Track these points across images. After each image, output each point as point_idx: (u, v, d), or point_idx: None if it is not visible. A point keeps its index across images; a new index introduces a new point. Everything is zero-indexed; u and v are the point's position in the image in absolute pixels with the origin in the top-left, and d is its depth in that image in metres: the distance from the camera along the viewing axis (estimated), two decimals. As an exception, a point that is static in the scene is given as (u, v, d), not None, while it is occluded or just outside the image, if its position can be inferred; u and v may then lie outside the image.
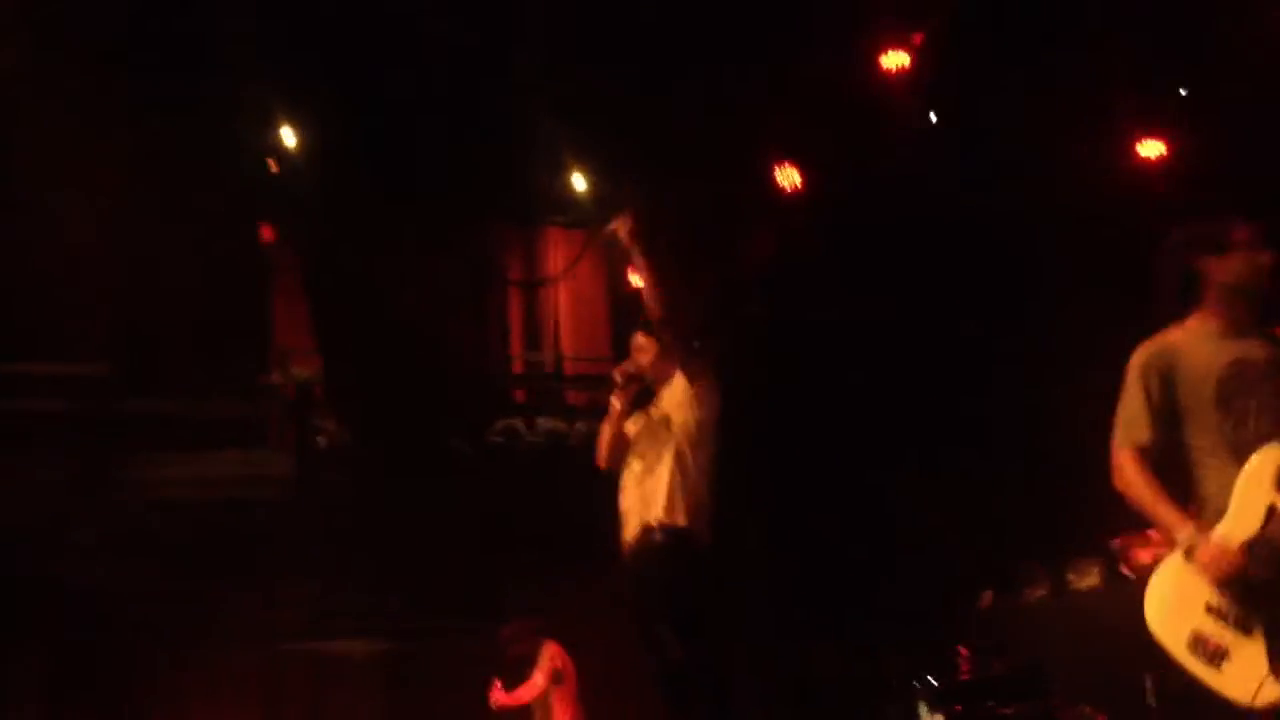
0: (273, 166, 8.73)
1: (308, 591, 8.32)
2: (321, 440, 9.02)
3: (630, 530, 5.05)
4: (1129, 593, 7.16)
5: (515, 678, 7.46)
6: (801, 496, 8.49)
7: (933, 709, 7.38)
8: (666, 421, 5.07)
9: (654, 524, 4.93)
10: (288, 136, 8.44)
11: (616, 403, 5.20)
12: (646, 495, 5.01)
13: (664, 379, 5.20)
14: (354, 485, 8.56)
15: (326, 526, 8.38)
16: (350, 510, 8.43)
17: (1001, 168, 7.98)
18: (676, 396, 5.13)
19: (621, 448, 5.20)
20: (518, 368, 10.37)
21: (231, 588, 8.14)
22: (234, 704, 8.36)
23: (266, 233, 9.36)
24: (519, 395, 10.38)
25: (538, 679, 7.31)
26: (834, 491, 8.26)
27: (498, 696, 7.35)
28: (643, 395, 5.25)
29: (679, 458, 5.02)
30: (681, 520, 4.93)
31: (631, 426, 5.23)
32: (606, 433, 5.24)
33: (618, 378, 5.23)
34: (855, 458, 8.38)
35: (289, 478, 8.68)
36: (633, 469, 5.12)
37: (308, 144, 8.46)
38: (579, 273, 10.13)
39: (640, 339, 5.32)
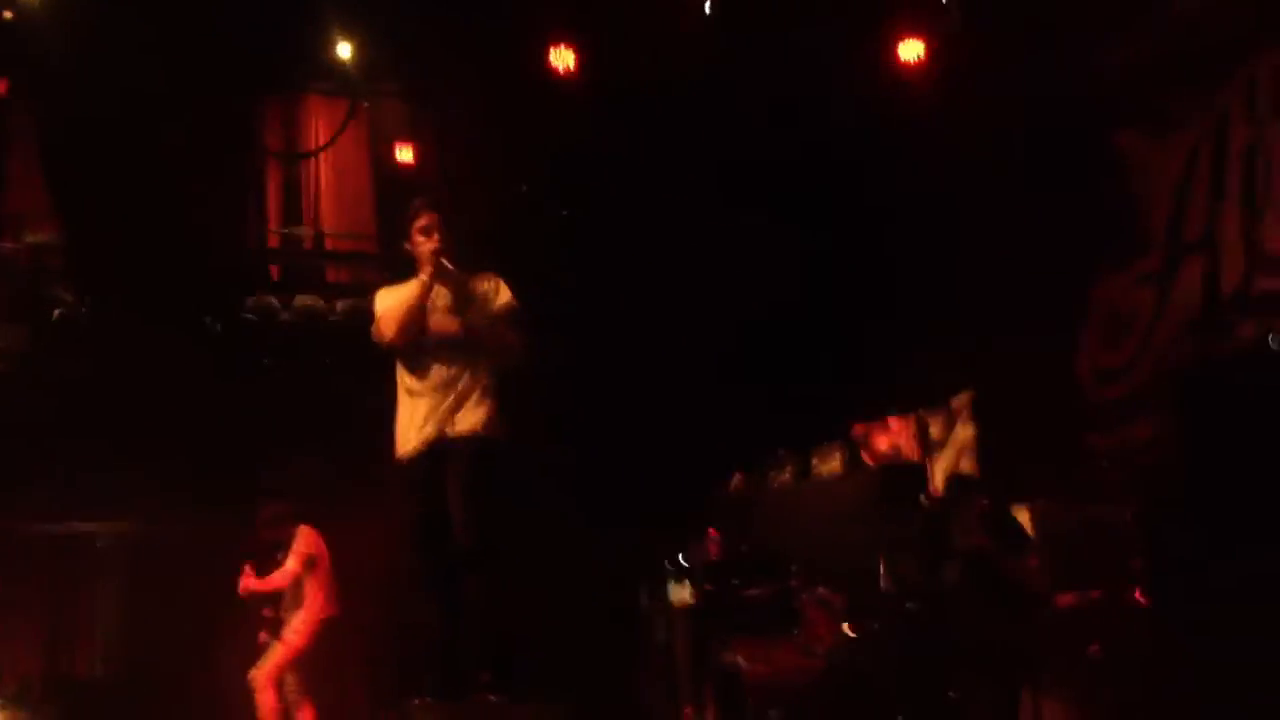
0: (7, 14, 8.05)
1: (45, 471, 7.89)
2: (57, 312, 8.52)
3: (427, 428, 5.00)
4: (868, 478, 7.61)
5: (268, 563, 7.33)
6: (577, 387, 8.56)
7: (679, 584, 7.67)
8: (465, 318, 5.04)
9: (458, 433, 4.95)
10: (25, -21, 7.78)
11: (422, 280, 5.08)
12: (446, 396, 5.00)
13: (453, 267, 5.12)
14: (93, 361, 8.11)
15: (63, 404, 7.95)
16: (88, 387, 8.00)
17: (771, 64, 8.04)
18: (474, 289, 5.10)
19: (418, 325, 5.11)
20: (273, 242, 9.97)
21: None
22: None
23: (0, 86, 8.65)
24: (274, 272, 10.02)
25: (291, 564, 7.18)
26: (601, 379, 8.35)
27: (248, 582, 7.20)
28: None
29: (480, 358, 5.02)
30: (484, 427, 4.98)
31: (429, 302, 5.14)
32: (405, 310, 5.10)
33: (440, 259, 5.11)
34: (624, 349, 8.48)
35: (22, 352, 8.18)
36: (429, 365, 5.06)
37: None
38: (342, 144, 9.77)
39: (429, 216, 5.19)
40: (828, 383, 8.14)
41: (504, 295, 5.23)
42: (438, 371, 5.11)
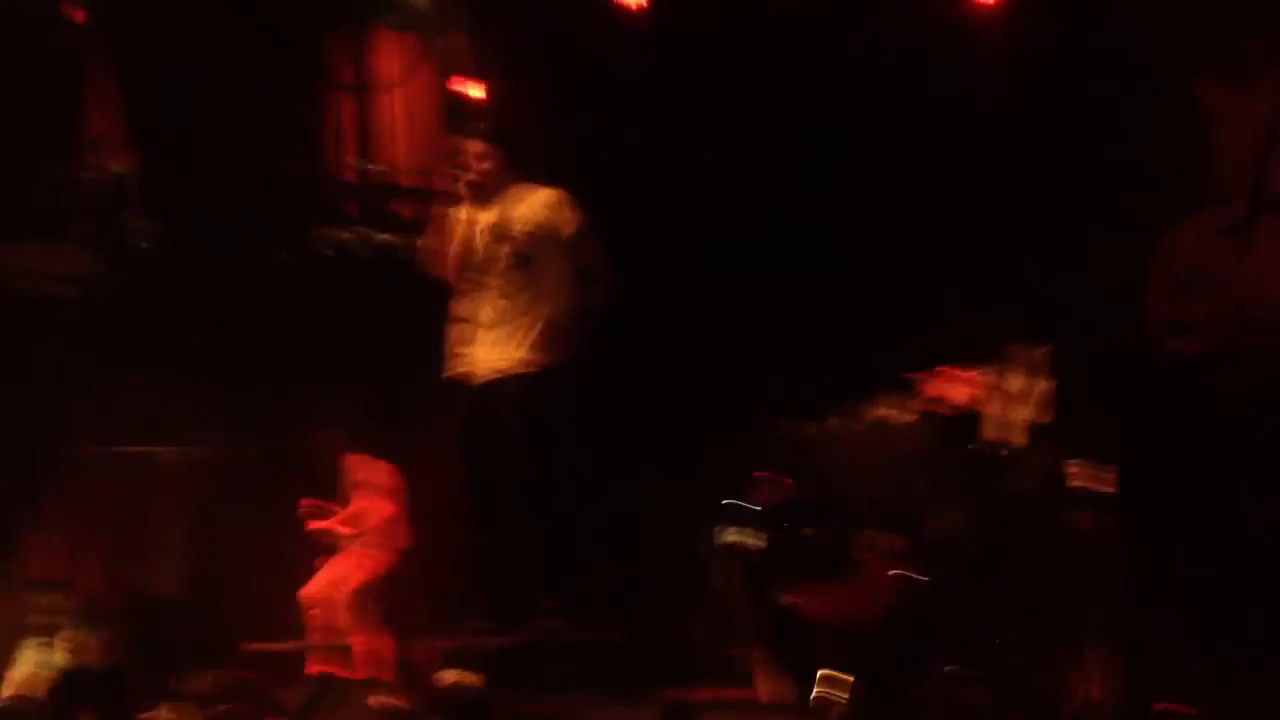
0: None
1: (115, 395, 8.06)
2: (133, 240, 8.65)
3: (482, 358, 4.97)
4: (933, 426, 7.53)
5: (328, 492, 7.48)
6: (629, 324, 8.54)
7: (736, 529, 7.67)
8: (518, 237, 4.96)
9: (514, 366, 4.89)
10: (101, -90, 7.86)
11: (463, 213, 5.06)
12: (493, 328, 4.94)
13: (500, 192, 5.07)
14: (166, 289, 8.25)
15: (135, 330, 8.10)
16: (160, 315, 8.14)
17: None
18: (527, 207, 5.00)
19: (454, 254, 5.08)
20: (348, 176, 10.03)
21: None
22: (37, 506, 8.16)
23: (77, 13, 8.76)
24: (351, 208, 10.09)
25: (385, 505, 7.31)
26: (656, 319, 8.32)
27: (327, 524, 7.34)
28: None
29: (533, 283, 4.93)
30: (539, 356, 4.91)
31: (472, 234, 5.10)
32: (451, 244, 5.09)
33: (463, 187, 5.08)
34: (679, 291, 8.44)
35: (97, 278, 8.34)
36: (482, 294, 5.02)
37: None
38: (413, 82, 9.78)
39: (478, 145, 5.16)
40: (894, 328, 8.06)
41: (567, 216, 5.00)
42: (486, 300, 5.07)
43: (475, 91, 9.25)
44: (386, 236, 9.53)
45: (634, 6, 8.14)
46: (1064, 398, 7.05)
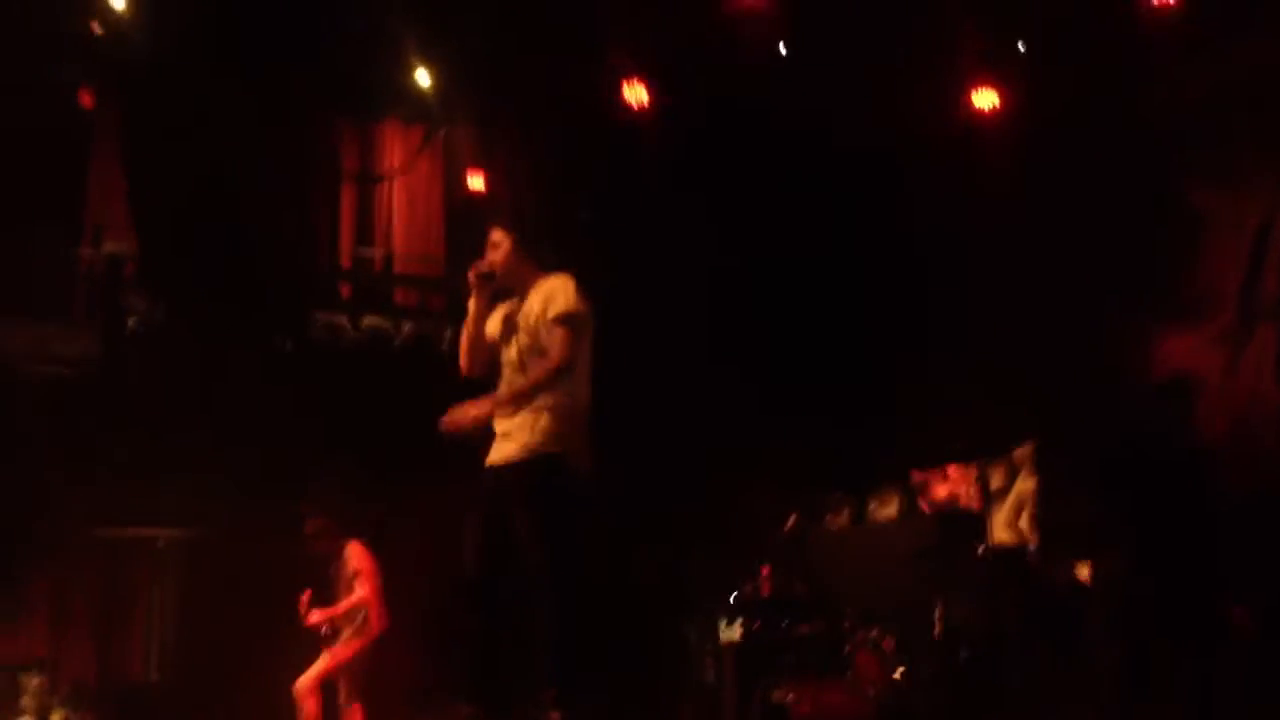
0: (96, 28, 8.27)
1: (107, 476, 8.02)
2: (131, 321, 8.68)
3: (497, 446, 4.95)
4: (924, 524, 7.56)
5: (320, 580, 7.44)
6: (626, 411, 8.57)
7: (731, 623, 7.64)
8: (528, 328, 4.95)
9: (516, 454, 4.86)
10: (115, -3, 8.00)
11: (473, 304, 5.07)
12: (511, 416, 4.92)
13: (520, 283, 5.08)
14: (163, 370, 8.26)
15: (132, 411, 8.09)
16: (159, 395, 8.14)
17: (846, 105, 8.07)
18: (539, 296, 5.00)
19: (483, 350, 5.08)
20: (345, 263, 10.12)
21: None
22: (30, 586, 8.07)
23: (86, 98, 8.87)
24: (345, 291, 10.15)
25: (362, 590, 7.26)
26: (655, 408, 8.36)
27: (315, 615, 7.29)
28: (499, 295, 5.14)
29: (555, 374, 4.90)
30: (541, 445, 4.87)
31: (492, 327, 5.10)
32: (465, 336, 5.11)
33: (472, 276, 5.09)
34: (678, 378, 8.50)
35: (94, 357, 8.34)
36: (508, 375, 5.01)
37: (137, 5, 8.02)
38: (416, 170, 9.92)
39: (496, 234, 5.18)
40: (887, 427, 8.12)
41: (560, 300, 4.94)
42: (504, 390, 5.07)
43: (477, 183, 9.38)
44: (377, 320, 9.60)
45: (637, 107, 8.28)
46: (1053, 494, 7.11)
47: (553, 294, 4.95)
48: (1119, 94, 7.13)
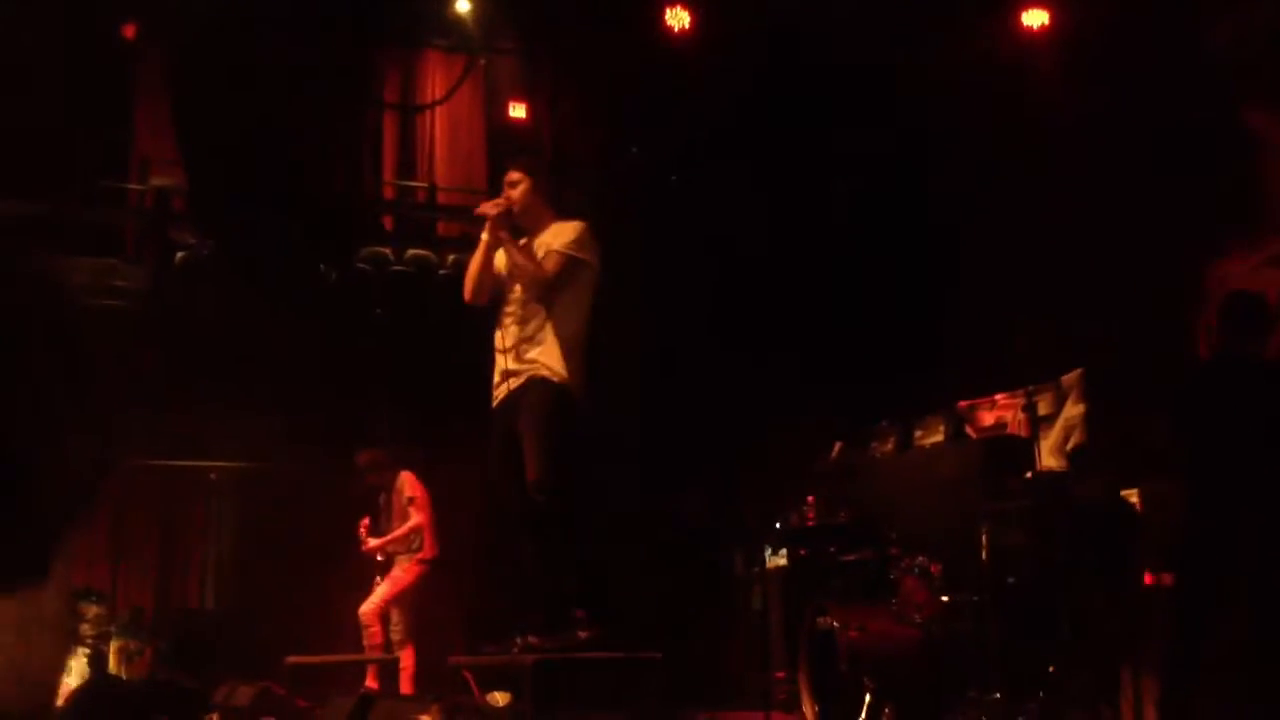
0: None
1: (161, 408, 8.13)
2: (180, 254, 8.75)
3: (501, 385, 5.01)
4: (970, 451, 7.52)
5: (374, 508, 7.53)
6: (665, 349, 8.58)
7: (777, 551, 7.67)
8: (543, 261, 4.99)
9: (522, 382, 4.94)
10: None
11: (485, 235, 5.12)
12: (526, 341, 4.98)
13: (536, 224, 5.11)
14: (213, 304, 8.33)
15: (181, 343, 8.18)
16: (207, 329, 8.22)
17: (887, 28, 7.92)
18: (551, 237, 5.06)
19: (488, 283, 5.14)
20: (389, 194, 10.13)
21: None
22: (99, 518, 8.23)
23: (129, 31, 8.88)
24: (387, 222, 10.18)
25: (416, 516, 7.37)
26: (696, 343, 8.35)
27: (372, 542, 7.42)
28: (515, 234, 5.17)
29: (558, 305, 4.97)
30: (565, 374, 4.95)
31: (501, 262, 5.15)
32: (475, 264, 5.18)
33: (490, 211, 5.12)
34: (724, 314, 8.47)
35: (144, 291, 8.42)
36: (510, 310, 5.07)
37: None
38: (457, 100, 9.87)
39: (514, 174, 5.21)
40: (935, 354, 8.06)
41: (567, 235, 5.01)
42: (511, 328, 5.12)
43: (518, 113, 9.32)
44: (421, 252, 9.62)
45: (678, 31, 8.16)
46: (1102, 421, 7.04)
47: (563, 231, 5.03)
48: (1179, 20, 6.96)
